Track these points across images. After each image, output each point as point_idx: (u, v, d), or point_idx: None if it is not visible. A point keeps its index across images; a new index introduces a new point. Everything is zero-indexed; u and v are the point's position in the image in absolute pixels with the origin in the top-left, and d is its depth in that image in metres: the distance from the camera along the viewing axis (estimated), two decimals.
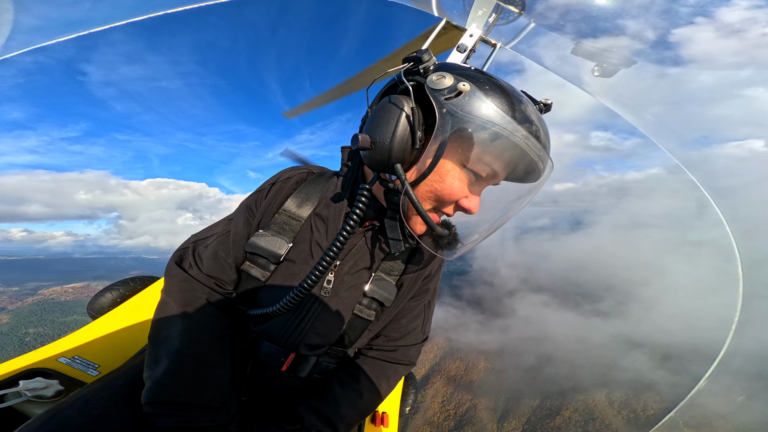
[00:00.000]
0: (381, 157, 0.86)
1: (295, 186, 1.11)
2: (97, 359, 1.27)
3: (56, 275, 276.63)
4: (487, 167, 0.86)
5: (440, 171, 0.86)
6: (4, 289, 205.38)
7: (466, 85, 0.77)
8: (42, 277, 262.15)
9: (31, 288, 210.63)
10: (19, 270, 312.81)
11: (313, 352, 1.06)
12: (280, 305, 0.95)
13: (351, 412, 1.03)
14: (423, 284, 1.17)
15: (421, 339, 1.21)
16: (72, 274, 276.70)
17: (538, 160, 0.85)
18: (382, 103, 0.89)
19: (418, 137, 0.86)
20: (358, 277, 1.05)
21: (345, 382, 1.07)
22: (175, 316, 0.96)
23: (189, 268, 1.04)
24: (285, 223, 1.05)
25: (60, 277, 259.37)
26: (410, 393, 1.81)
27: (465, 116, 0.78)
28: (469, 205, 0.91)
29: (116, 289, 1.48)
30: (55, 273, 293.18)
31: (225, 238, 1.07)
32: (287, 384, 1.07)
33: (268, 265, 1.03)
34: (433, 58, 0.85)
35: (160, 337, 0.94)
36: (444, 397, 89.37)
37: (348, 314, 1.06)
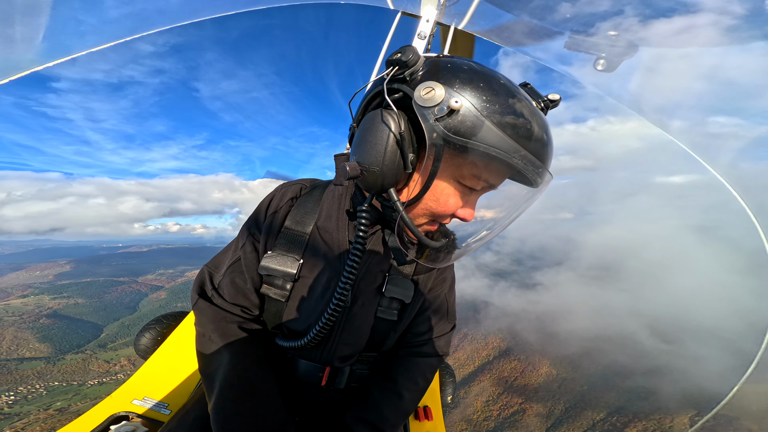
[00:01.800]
0: (374, 184, 0.82)
1: (291, 202, 1.08)
2: (164, 397, 1.31)
3: (196, 260, 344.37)
4: (482, 182, 0.83)
5: (435, 191, 0.82)
6: (164, 271, 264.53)
7: (458, 102, 0.69)
8: (187, 262, 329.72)
9: (180, 270, 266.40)
10: (173, 256, 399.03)
11: (346, 362, 1.06)
12: (310, 338, 0.95)
13: (394, 414, 1.02)
14: (439, 274, 1.15)
15: (449, 328, 1.19)
16: (206, 259, 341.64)
17: (536, 176, 0.78)
18: (369, 121, 0.82)
19: (410, 160, 0.80)
20: (373, 281, 1.03)
21: (383, 385, 1.06)
22: (216, 348, 0.96)
23: (213, 298, 1.04)
24: (291, 241, 1.02)
25: (199, 262, 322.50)
26: (448, 383, 1.81)
27: (458, 141, 0.71)
28: (464, 215, 0.88)
29: (153, 328, 1.52)
30: (195, 259, 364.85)
31: (237, 264, 1.05)
32: (328, 398, 1.07)
33: (284, 284, 1.01)
34: (421, 57, 0.76)
35: (210, 370, 0.95)
36: (489, 397, 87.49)
37: (371, 319, 1.04)
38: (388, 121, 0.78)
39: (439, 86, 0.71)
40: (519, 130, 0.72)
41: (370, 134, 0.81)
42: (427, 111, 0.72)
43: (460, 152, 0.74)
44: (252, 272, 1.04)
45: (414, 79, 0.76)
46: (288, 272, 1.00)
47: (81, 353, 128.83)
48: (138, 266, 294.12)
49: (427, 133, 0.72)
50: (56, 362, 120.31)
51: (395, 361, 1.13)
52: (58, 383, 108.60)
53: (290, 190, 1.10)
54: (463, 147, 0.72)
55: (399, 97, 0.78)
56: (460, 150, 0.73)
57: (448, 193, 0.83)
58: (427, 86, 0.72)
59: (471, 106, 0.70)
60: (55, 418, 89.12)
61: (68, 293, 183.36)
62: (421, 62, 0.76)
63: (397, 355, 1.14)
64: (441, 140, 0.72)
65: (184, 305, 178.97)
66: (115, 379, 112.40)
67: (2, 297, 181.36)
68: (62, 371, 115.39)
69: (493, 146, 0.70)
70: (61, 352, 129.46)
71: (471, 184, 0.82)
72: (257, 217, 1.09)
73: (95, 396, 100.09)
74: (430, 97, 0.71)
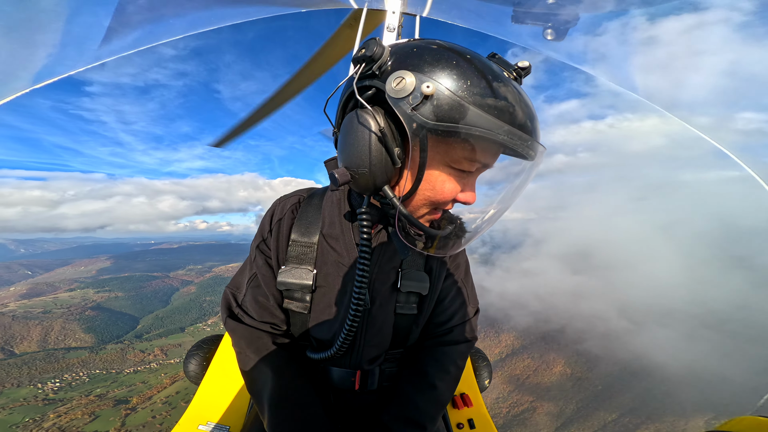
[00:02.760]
0: (366, 185, 0.81)
1: (292, 215, 1.08)
2: (223, 420, 1.34)
3: (222, 257, 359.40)
4: (474, 163, 0.79)
5: (429, 180, 0.80)
6: (193, 266, 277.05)
7: (430, 87, 0.66)
8: (214, 258, 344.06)
9: (208, 266, 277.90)
10: (202, 252, 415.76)
11: (375, 363, 1.06)
12: (338, 347, 0.96)
13: (431, 406, 1.01)
14: (452, 261, 1.14)
15: (472, 313, 1.18)
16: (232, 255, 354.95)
17: (527, 149, 0.74)
18: (348, 124, 0.80)
19: (397, 155, 0.77)
20: (387, 279, 1.03)
21: (414, 380, 1.05)
22: (256, 367, 0.99)
23: (242, 318, 1.06)
24: (300, 254, 1.02)
25: (225, 258, 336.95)
26: (483, 367, 1.78)
27: (438, 126, 0.68)
28: (466, 197, 0.85)
29: (197, 354, 1.56)
30: (222, 255, 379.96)
31: (256, 282, 1.07)
32: (363, 401, 1.08)
33: (303, 296, 1.02)
34: (385, 48, 0.73)
35: (255, 388, 0.98)
36: (499, 394, 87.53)
37: (391, 317, 1.05)
38: (365, 120, 0.75)
39: (409, 74, 0.69)
40: (498, 105, 0.69)
41: (352, 137, 0.78)
42: (402, 102, 0.69)
43: (443, 137, 0.71)
44: (271, 288, 1.05)
45: (384, 71, 0.73)
46: (304, 284, 1.00)
47: (120, 343, 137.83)
48: (169, 262, 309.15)
49: (406, 125, 0.70)
50: (98, 351, 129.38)
51: (423, 353, 1.11)
52: (98, 371, 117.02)
53: (289, 202, 1.10)
54: (446, 132, 0.69)
55: (373, 93, 0.76)
56: (444, 135, 0.70)
57: (443, 180, 0.80)
58: (397, 76, 0.70)
59: (444, 89, 0.68)
60: (95, 403, 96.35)
61: (109, 287, 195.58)
62: (386, 53, 0.73)
63: (424, 348, 1.13)
64: (422, 129, 0.69)
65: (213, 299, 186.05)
66: (148, 367, 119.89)
67: (51, 290, 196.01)
68: (103, 360, 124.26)
69: (475, 126, 0.68)
70: (102, 342, 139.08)
71: (463, 167, 0.79)
72: (263, 234, 1.09)
73: (130, 383, 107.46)
74: (401, 87, 0.69)
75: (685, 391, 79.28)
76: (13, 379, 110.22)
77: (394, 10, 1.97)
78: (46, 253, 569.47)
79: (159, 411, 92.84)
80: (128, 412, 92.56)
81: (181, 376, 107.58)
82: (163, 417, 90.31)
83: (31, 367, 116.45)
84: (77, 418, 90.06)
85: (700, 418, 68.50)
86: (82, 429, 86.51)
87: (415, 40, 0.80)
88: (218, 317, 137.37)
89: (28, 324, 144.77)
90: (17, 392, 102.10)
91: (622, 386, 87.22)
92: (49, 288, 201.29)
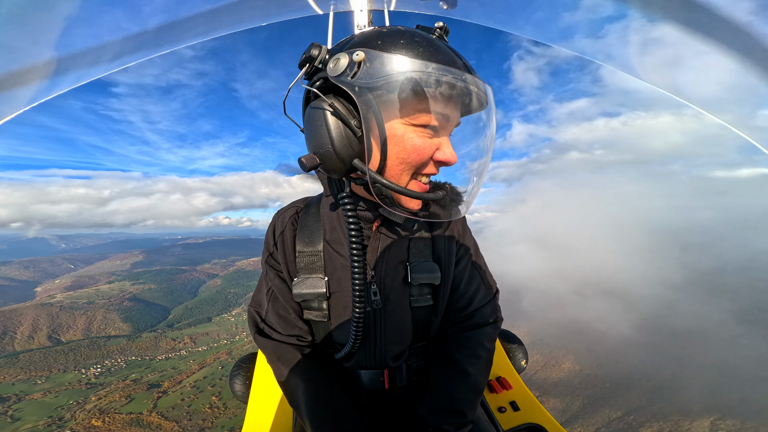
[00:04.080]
0: (335, 164, 0.81)
1: (293, 227, 1.08)
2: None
3: (244, 251, 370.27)
4: (430, 115, 0.79)
5: (395, 139, 0.79)
6: (218, 260, 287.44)
7: (359, 54, 0.72)
8: (237, 253, 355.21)
9: (232, 260, 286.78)
10: (225, 247, 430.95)
11: (400, 359, 1.06)
12: (353, 338, 0.96)
13: (466, 392, 0.99)
14: (459, 247, 1.12)
15: (491, 295, 1.16)
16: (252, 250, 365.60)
17: (469, 82, 0.77)
18: (307, 116, 0.85)
19: (354, 125, 0.79)
20: (397, 274, 1.02)
21: (444, 369, 1.04)
22: (289, 380, 1.00)
23: (271, 334, 1.07)
24: (309, 263, 1.03)
25: (246, 253, 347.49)
26: (516, 348, 1.72)
27: (377, 81, 0.73)
28: (445, 155, 0.83)
29: (239, 374, 1.59)
30: (243, 249, 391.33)
31: (275, 298, 1.08)
32: (395, 399, 1.07)
33: (320, 305, 1.03)
34: (323, 47, 0.79)
35: (294, 401, 0.99)
36: None
37: (408, 311, 1.03)
38: (318, 104, 0.80)
39: (343, 54, 0.75)
40: (426, 50, 0.75)
41: (311, 123, 0.82)
42: (342, 76, 0.74)
43: (388, 92, 0.74)
44: (289, 301, 1.06)
45: (325, 63, 0.78)
46: (319, 292, 1.00)
47: (153, 332, 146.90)
48: (196, 256, 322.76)
49: (350, 91, 0.73)
50: (134, 339, 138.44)
51: (449, 341, 1.09)
52: (134, 357, 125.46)
53: (288, 215, 1.10)
54: (386, 84, 0.73)
55: (321, 84, 0.81)
56: (387, 89, 0.74)
57: (410, 137, 0.80)
58: (333, 60, 0.76)
59: (374, 52, 0.73)
60: (131, 387, 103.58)
61: (143, 280, 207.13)
62: (324, 50, 0.78)
63: (449, 336, 1.10)
64: (365, 90, 0.73)
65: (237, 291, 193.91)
66: (178, 354, 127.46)
67: (93, 283, 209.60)
68: (138, 347, 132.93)
69: (407, 71, 0.72)
70: (138, 331, 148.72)
71: (422, 120, 0.79)
72: (269, 249, 1.10)
73: (162, 369, 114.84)
74: (338, 65, 0.74)
75: (693, 392, 78.04)
76: (60, 364, 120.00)
77: (361, 8, 1.95)
78: (84, 248, 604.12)
79: (188, 394, 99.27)
80: (160, 395, 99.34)
81: (208, 362, 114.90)
82: (191, 400, 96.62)
83: (76, 354, 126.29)
84: (115, 401, 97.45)
85: (705, 419, 67.45)
86: (119, 410, 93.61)
87: (348, 37, 0.85)
88: (242, 308, 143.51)
89: (74, 314, 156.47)
90: (63, 377, 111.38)
91: (629, 384, 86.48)
92: (91, 280, 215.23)
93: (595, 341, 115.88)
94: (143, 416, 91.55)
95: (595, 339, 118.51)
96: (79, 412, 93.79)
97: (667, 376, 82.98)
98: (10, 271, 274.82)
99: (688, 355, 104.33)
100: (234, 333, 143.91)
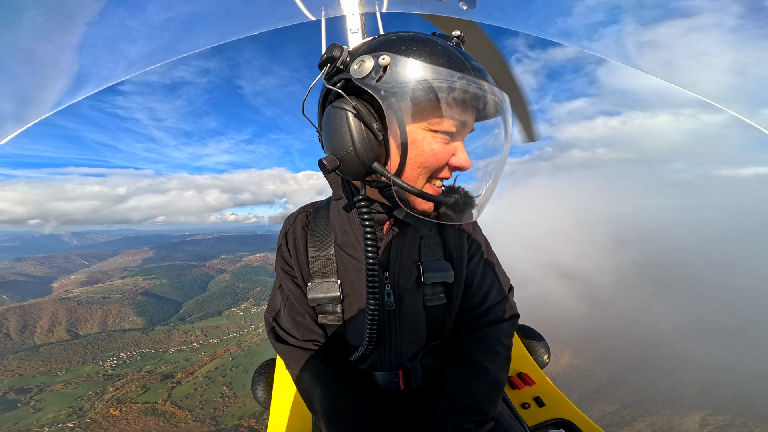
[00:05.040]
0: (355, 167, 0.82)
1: (304, 232, 1.08)
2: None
3: (252, 247, 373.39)
4: (450, 121, 0.80)
5: (414, 144, 0.81)
6: (225, 256, 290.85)
7: (386, 58, 0.73)
8: (243, 248, 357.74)
9: (239, 256, 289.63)
10: (232, 242, 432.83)
11: (415, 360, 1.05)
12: (367, 340, 0.95)
13: (486, 390, 0.97)
14: (470, 244, 1.12)
15: (505, 291, 1.14)
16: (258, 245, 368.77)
17: (488, 92, 0.79)
18: (326, 115, 0.85)
19: (376, 129, 0.80)
20: (410, 275, 1.02)
21: (462, 367, 1.02)
22: (308, 385, 1.00)
23: (288, 340, 1.07)
24: (322, 268, 1.03)
25: (253, 248, 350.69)
26: (537, 344, 1.68)
27: (402, 87, 0.74)
28: (460, 161, 0.85)
29: (260, 380, 1.59)
30: (250, 245, 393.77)
31: (290, 303, 1.08)
32: (412, 399, 1.06)
33: (335, 308, 1.02)
34: (345, 48, 0.80)
35: (313, 405, 0.99)
36: None
37: (422, 311, 1.02)
38: (340, 105, 0.80)
39: (368, 56, 0.76)
40: (449, 58, 0.77)
41: (332, 125, 0.82)
42: (367, 79, 0.75)
43: (413, 98, 0.75)
44: (304, 306, 1.06)
45: (346, 65, 0.79)
46: (333, 296, 1.00)
47: (166, 325, 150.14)
48: (204, 252, 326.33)
49: (375, 95, 0.74)
50: (148, 333, 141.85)
51: (465, 339, 1.07)
52: (148, 350, 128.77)
53: (298, 220, 1.11)
54: (412, 89, 0.74)
55: (342, 85, 0.81)
56: (412, 95, 0.74)
57: (428, 142, 0.81)
58: (357, 61, 0.77)
59: (399, 57, 0.74)
60: (146, 378, 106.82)
61: (155, 275, 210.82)
62: (345, 51, 0.80)
63: (464, 334, 1.09)
64: (390, 94, 0.74)
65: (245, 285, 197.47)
66: (190, 347, 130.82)
67: (107, 278, 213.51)
68: (152, 340, 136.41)
69: (432, 78, 0.74)
70: (151, 324, 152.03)
71: (442, 127, 0.80)
72: (282, 255, 1.10)
73: (175, 361, 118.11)
74: (363, 68, 0.75)
75: (686, 387, 79.47)
76: (79, 357, 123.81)
77: (353, 12, 1.95)
78: (96, 245, 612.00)
79: (200, 384, 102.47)
80: (174, 386, 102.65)
81: (219, 354, 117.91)
82: (203, 389, 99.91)
83: (94, 347, 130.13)
84: (131, 391, 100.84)
85: (697, 414, 68.87)
86: (135, 400, 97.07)
87: (368, 39, 0.85)
88: (250, 302, 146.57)
89: (90, 308, 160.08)
90: (82, 369, 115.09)
91: (625, 379, 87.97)
92: (105, 276, 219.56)
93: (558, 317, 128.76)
94: (158, 405, 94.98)
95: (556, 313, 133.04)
96: (98, 402, 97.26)
97: (662, 373, 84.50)
98: (26, 267, 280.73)
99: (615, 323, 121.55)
100: (243, 326, 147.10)
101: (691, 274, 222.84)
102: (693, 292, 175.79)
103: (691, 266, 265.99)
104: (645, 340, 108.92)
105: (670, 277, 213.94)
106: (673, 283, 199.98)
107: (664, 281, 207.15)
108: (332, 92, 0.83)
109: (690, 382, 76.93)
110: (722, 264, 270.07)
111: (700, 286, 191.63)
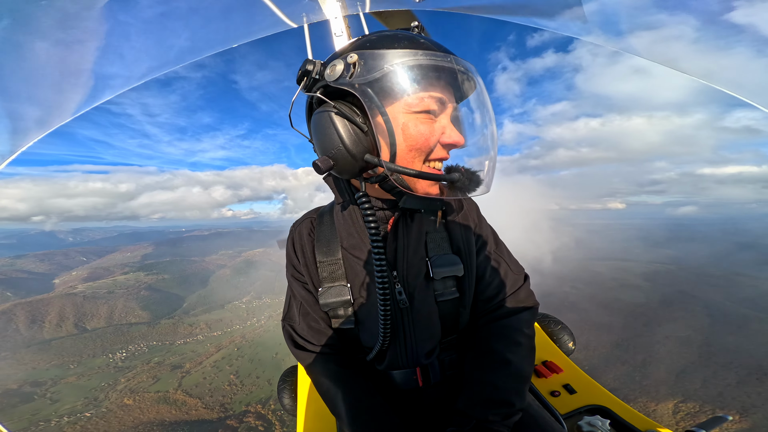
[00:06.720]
0: (348, 163, 0.84)
1: (311, 238, 1.09)
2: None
3: (250, 242, 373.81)
4: (427, 97, 0.82)
5: (400, 129, 0.82)
6: (224, 251, 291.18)
7: (353, 56, 0.79)
8: (242, 244, 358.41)
9: (238, 251, 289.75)
10: (231, 238, 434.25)
11: (432, 356, 1.03)
12: (381, 338, 0.95)
13: (510, 381, 0.93)
14: (477, 236, 1.10)
15: (521, 280, 1.12)
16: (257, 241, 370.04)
17: (457, 64, 0.82)
18: (312, 123, 0.89)
19: (360, 122, 0.83)
20: (418, 271, 1.00)
21: (483, 360, 0.99)
22: (329, 390, 1.00)
23: (306, 346, 1.07)
24: (331, 272, 1.03)
25: (252, 244, 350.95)
26: (561, 331, 1.63)
27: (374, 76, 0.78)
28: (452, 137, 0.86)
29: (285, 388, 1.59)
30: (249, 240, 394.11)
31: (304, 310, 1.09)
32: (432, 396, 1.04)
33: (347, 312, 1.02)
34: (317, 61, 0.85)
35: (335, 410, 0.99)
36: None
37: (434, 306, 1.01)
38: (322, 109, 0.86)
39: (338, 60, 0.81)
40: (411, 41, 0.82)
41: (318, 128, 0.86)
42: (341, 79, 0.80)
43: (385, 84, 0.79)
44: (318, 312, 1.07)
45: (321, 73, 0.84)
46: (344, 299, 1.00)
47: (171, 319, 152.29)
48: (203, 247, 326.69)
49: (351, 89, 0.79)
50: (154, 326, 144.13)
51: (484, 332, 1.04)
52: (155, 342, 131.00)
53: (304, 227, 1.12)
54: (382, 76, 0.78)
55: (322, 93, 0.86)
56: (383, 81, 0.79)
57: (414, 124, 0.82)
58: (329, 67, 0.82)
59: (364, 51, 0.80)
60: (155, 369, 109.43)
61: (156, 270, 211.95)
62: (318, 63, 0.85)
63: (482, 327, 1.06)
64: (365, 86, 0.79)
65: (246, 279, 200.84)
66: (196, 339, 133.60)
67: (109, 274, 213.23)
68: (158, 333, 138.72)
69: (398, 61, 0.78)
70: (157, 318, 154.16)
71: (420, 106, 0.82)
72: (291, 263, 1.12)
73: (182, 353, 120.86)
74: (335, 70, 0.81)
75: (661, 376, 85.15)
76: (89, 350, 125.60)
77: (335, 15, 1.93)
78: (93, 241, 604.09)
79: (209, 373, 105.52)
80: (184, 375, 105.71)
81: (224, 345, 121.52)
82: (212, 378, 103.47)
83: (103, 340, 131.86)
84: (143, 381, 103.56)
85: (670, 401, 74.22)
86: (147, 390, 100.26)
87: (339, 47, 0.89)
88: (251, 296, 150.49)
89: (96, 303, 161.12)
90: (93, 361, 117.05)
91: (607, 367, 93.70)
92: (106, 272, 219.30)
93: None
94: (170, 394, 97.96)
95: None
96: (112, 392, 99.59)
97: (639, 361, 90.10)
98: (27, 263, 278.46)
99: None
100: (245, 318, 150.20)
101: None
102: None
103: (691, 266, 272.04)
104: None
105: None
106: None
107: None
108: (315, 101, 0.88)
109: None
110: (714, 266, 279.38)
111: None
